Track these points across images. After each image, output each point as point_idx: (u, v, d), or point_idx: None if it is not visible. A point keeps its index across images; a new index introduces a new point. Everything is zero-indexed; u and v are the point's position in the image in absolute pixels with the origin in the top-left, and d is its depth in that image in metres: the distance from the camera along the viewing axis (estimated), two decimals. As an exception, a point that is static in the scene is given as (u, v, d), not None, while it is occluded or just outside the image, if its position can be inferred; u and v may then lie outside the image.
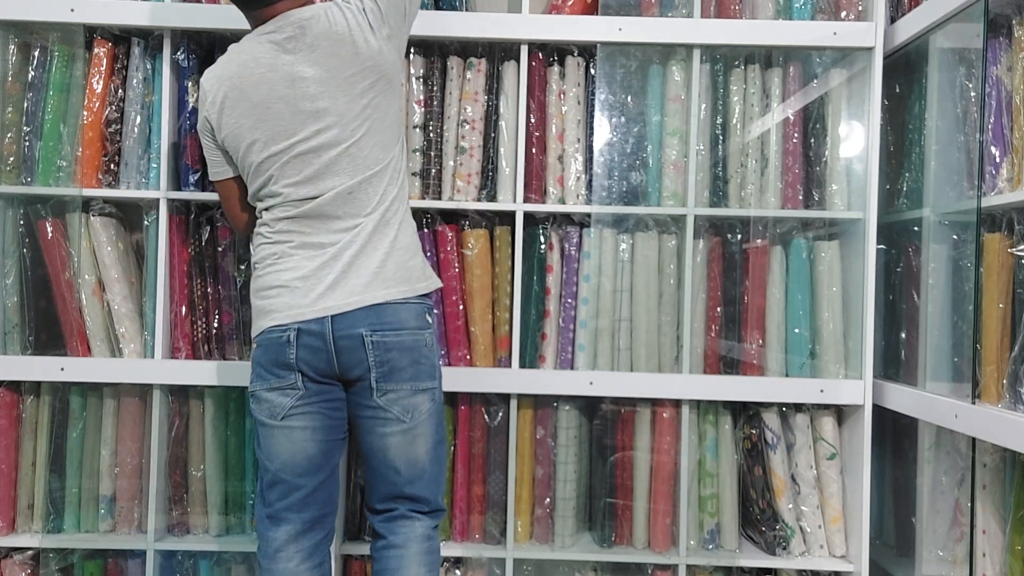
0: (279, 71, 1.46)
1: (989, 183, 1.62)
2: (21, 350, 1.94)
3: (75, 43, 1.93)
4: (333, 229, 1.48)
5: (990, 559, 1.60)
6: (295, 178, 1.47)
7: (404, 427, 1.50)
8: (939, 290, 1.80)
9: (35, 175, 1.93)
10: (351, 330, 1.45)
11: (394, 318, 1.48)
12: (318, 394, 1.50)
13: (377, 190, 1.49)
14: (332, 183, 1.46)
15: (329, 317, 1.45)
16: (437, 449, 1.56)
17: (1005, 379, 1.56)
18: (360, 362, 1.47)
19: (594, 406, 2.02)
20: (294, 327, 1.46)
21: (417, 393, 1.51)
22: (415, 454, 1.52)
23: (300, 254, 1.48)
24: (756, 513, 2.00)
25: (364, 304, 1.46)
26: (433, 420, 1.55)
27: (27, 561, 1.98)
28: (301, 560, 1.51)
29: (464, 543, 1.99)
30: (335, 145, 1.46)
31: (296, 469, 1.50)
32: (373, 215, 1.48)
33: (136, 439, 1.98)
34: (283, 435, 1.49)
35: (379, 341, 1.47)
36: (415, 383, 1.51)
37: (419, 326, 1.51)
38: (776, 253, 1.97)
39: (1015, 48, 1.58)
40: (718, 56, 1.97)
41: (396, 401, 1.49)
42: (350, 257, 1.47)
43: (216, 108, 1.50)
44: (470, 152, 1.95)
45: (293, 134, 1.46)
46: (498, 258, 1.98)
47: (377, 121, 1.49)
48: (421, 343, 1.51)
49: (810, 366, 1.96)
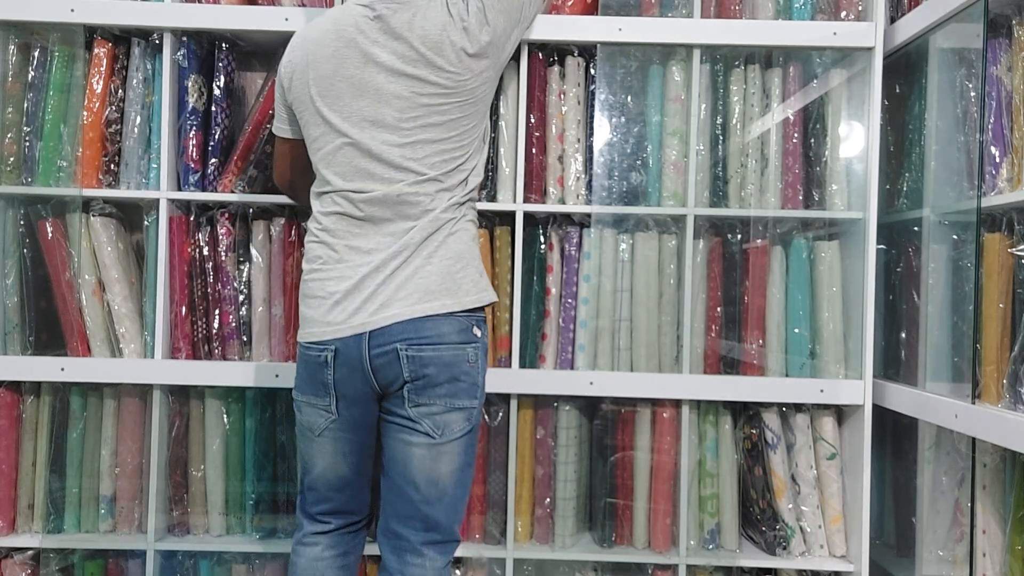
0: (355, 47, 1.40)
1: (989, 183, 1.62)
2: (21, 350, 1.94)
3: (75, 43, 1.93)
4: (383, 232, 1.41)
5: (990, 559, 1.60)
6: (344, 168, 1.42)
7: (431, 442, 1.42)
8: (939, 290, 1.80)
9: (35, 175, 1.93)
10: (387, 345, 1.39)
11: (434, 331, 1.40)
12: (350, 420, 1.46)
13: (429, 195, 1.41)
14: (381, 183, 1.40)
15: (367, 333, 1.39)
16: (463, 473, 1.47)
17: (1005, 379, 1.56)
18: (396, 377, 1.41)
19: (594, 406, 2.02)
20: (332, 346, 1.41)
21: (452, 411, 1.42)
22: (437, 473, 1.43)
23: (346, 262, 1.42)
24: (756, 513, 2.00)
25: (403, 318, 1.39)
26: (465, 442, 1.45)
27: (27, 561, 1.98)
28: (326, 547, 1.52)
29: (464, 543, 1.99)
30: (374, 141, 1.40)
31: (328, 484, 1.50)
32: (422, 221, 1.40)
33: (136, 439, 1.98)
34: (317, 449, 1.48)
35: (415, 356, 1.39)
36: (451, 400, 1.42)
37: (462, 340, 1.42)
38: (776, 253, 1.98)
39: (1015, 48, 1.58)
40: (718, 56, 1.97)
41: (427, 415, 1.42)
42: (394, 267, 1.40)
43: (288, 71, 1.49)
44: (470, 152, 1.95)
45: (342, 117, 1.41)
46: (498, 258, 1.98)
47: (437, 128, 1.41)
48: (462, 359, 1.42)
49: (810, 366, 1.96)
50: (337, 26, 1.43)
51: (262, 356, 1.97)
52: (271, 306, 1.96)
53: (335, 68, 1.41)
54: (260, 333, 1.97)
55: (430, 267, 1.40)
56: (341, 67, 1.40)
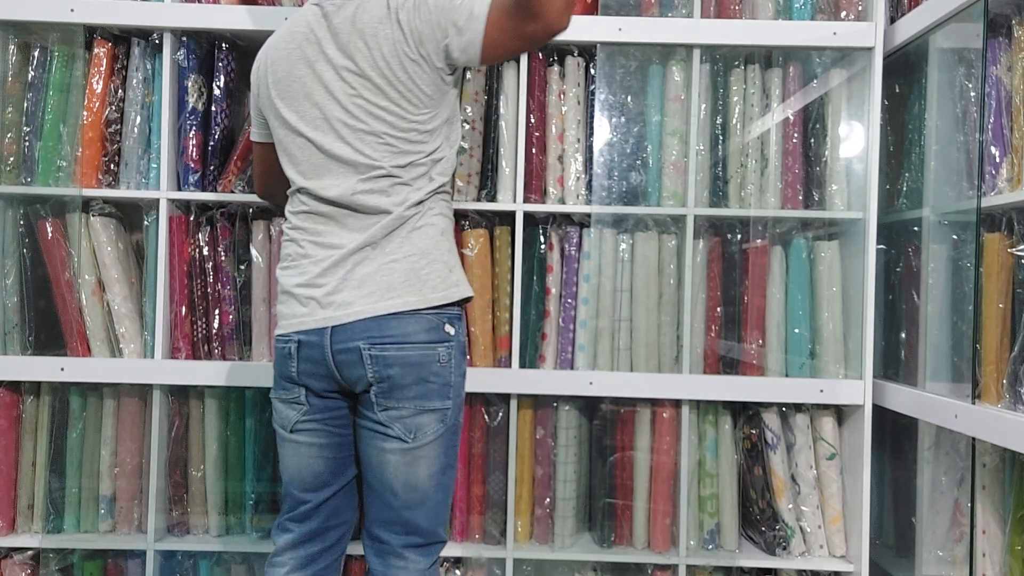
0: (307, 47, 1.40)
1: (989, 183, 1.62)
2: (21, 350, 1.94)
3: (75, 43, 1.93)
4: (346, 228, 1.39)
5: (990, 559, 1.60)
6: (305, 166, 1.41)
7: (405, 447, 1.38)
8: (939, 290, 1.80)
9: (35, 175, 1.93)
10: (350, 343, 1.36)
11: (399, 330, 1.36)
12: (323, 411, 1.43)
13: (384, 192, 1.38)
14: (338, 179, 1.39)
15: (329, 328, 1.36)
16: (443, 475, 1.42)
17: (1005, 379, 1.56)
18: (361, 377, 1.37)
19: (594, 406, 2.02)
20: (295, 338, 1.39)
21: (423, 413, 1.38)
22: (415, 478, 1.39)
23: (310, 257, 1.40)
24: (756, 513, 2.00)
25: (365, 315, 1.35)
26: (441, 444, 1.41)
27: (27, 561, 1.98)
28: (292, 568, 1.46)
29: (464, 543, 1.99)
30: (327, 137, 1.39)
31: (302, 484, 1.45)
32: (383, 217, 1.37)
33: (136, 439, 1.98)
34: (291, 448, 1.45)
35: (378, 355, 1.35)
36: (421, 402, 1.37)
37: (431, 340, 1.38)
38: (776, 253, 1.98)
39: (1015, 48, 1.58)
40: (718, 56, 1.97)
41: (398, 419, 1.37)
42: (355, 263, 1.37)
43: (255, 76, 1.51)
44: (470, 152, 1.95)
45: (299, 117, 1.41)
46: (498, 258, 1.98)
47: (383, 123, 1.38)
48: (431, 359, 1.37)
49: (810, 366, 1.96)
50: (292, 28, 1.45)
51: (262, 356, 1.97)
52: (271, 306, 1.96)
53: (289, 69, 1.42)
54: (260, 333, 1.97)
55: (394, 264, 1.37)
56: (295, 67, 1.41)
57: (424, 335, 1.37)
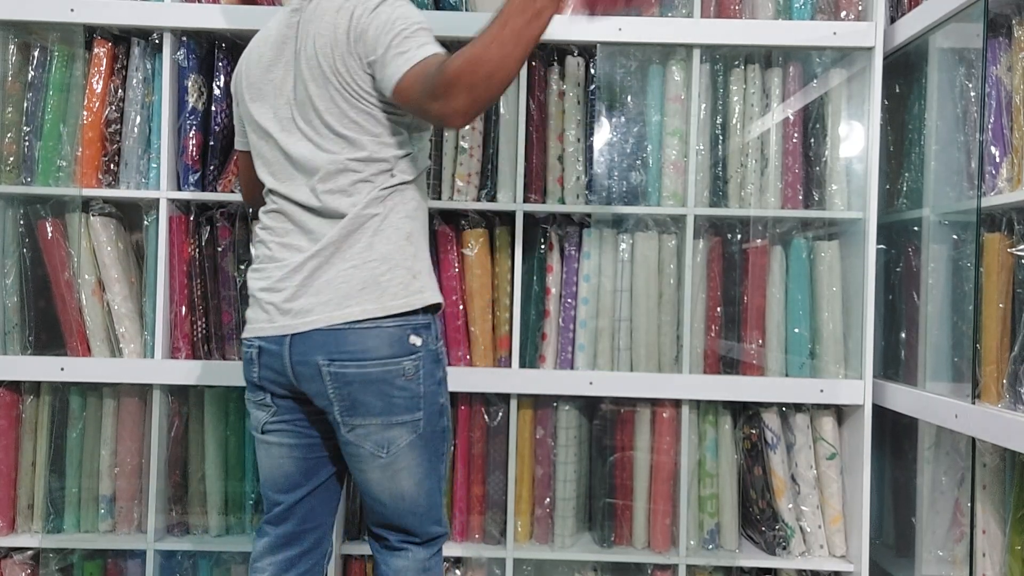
0: (278, 48, 1.39)
1: (989, 183, 1.62)
2: (21, 350, 1.94)
3: (75, 43, 1.93)
4: (307, 231, 1.35)
5: (990, 559, 1.60)
6: (274, 167, 1.40)
7: (382, 462, 1.34)
8: (939, 290, 1.80)
9: (35, 175, 1.93)
10: (309, 356, 1.31)
11: (358, 345, 1.30)
12: (290, 411, 1.40)
13: (345, 191, 1.33)
14: (300, 178, 1.36)
15: (288, 337, 1.32)
16: (428, 480, 1.39)
17: (1005, 379, 1.56)
18: (320, 393, 1.33)
19: (594, 406, 2.02)
20: (256, 344, 1.37)
21: (392, 427, 1.33)
22: (399, 489, 1.37)
23: (277, 261, 1.38)
24: (756, 513, 2.00)
25: (321, 325, 1.30)
26: (417, 450, 1.36)
27: (27, 561, 1.98)
28: (272, 574, 1.44)
29: (464, 543, 1.99)
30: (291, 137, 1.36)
31: (274, 485, 1.44)
32: (343, 220, 1.31)
33: (136, 439, 1.98)
34: (264, 449, 1.44)
35: (337, 373, 1.30)
36: (387, 417, 1.32)
37: (395, 354, 1.31)
38: (776, 253, 1.97)
39: (1015, 48, 1.58)
40: (718, 56, 1.97)
41: (367, 436, 1.33)
42: (313, 268, 1.32)
43: (233, 83, 1.50)
44: (470, 152, 1.95)
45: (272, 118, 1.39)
46: (498, 258, 1.98)
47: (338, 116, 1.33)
48: (395, 374, 1.31)
49: (810, 366, 1.96)
50: (266, 32, 1.44)
51: (262, 356, 1.97)
52: (271, 306, 1.96)
53: (262, 72, 1.42)
54: (260, 333, 1.96)
55: (353, 270, 1.31)
56: (268, 71, 1.41)
57: (386, 349, 1.31)
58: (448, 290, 1.95)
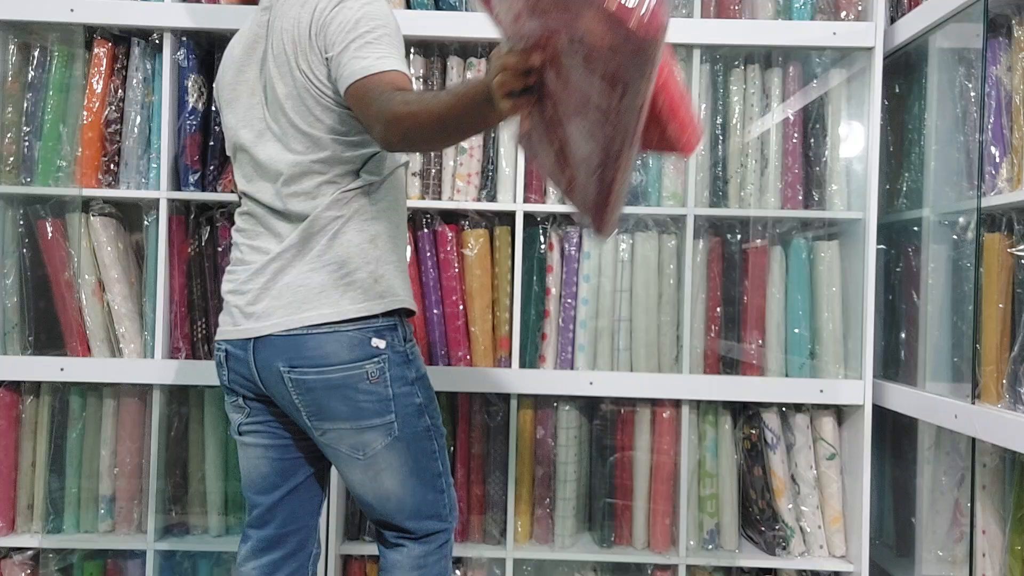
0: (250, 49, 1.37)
1: (989, 183, 1.62)
2: (21, 350, 1.94)
3: (75, 43, 1.93)
4: (276, 233, 1.32)
5: (990, 559, 1.60)
6: (244, 169, 1.39)
7: (361, 464, 1.32)
8: (939, 290, 1.80)
9: (35, 175, 1.93)
10: (270, 362, 1.29)
11: (317, 351, 1.27)
12: (263, 412, 1.38)
13: (309, 193, 1.30)
14: (266, 180, 1.34)
15: (251, 341, 1.30)
16: (414, 477, 1.35)
17: (1005, 379, 1.56)
18: (285, 399, 1.31)
19: (594, 406, 2.02)
20: (223, 347, 1.36)
21: (363, 431, 1.30)
22: (382, 489, 1.34)
23: (245, 261, 1.36)
24: (756, 513, 2.00)
25: (279, 330, 1.28)
26: (396, 451, 1.33)
27: (27, 561, 1.97)
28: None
29: (464, 543, 1.99)
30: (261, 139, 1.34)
31: (253, 486, 1.43)
32: (303, 223, 1.29)
33: (136, 439, 1.98)
34: (242, 451, 1.43)
35: (299, 379, 1.28)
36: (356, 422, 1.29)
37: (357, 358, 1.27)
38: (776, 253, 1.97)
39: (1015, 48, 1.58)
40: (718, 56, 1.97)
41: (340, 439, 1.31)
42: (275, 271, 1.30)
43: (215, 90, 1.50)
44: (470, 152, 1.95)
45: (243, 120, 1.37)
46: (498, 258, 1.98)
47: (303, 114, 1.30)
48: (357, 378, 1.28)
49: (810, 366, 1.96)
50: (241, 33, 1.44)
51: (262, 356, 1.97)
52: (271, 306, 1.96)
53: (235, 74, 1.41)
54: (260, 333, 1.96)
55: (311, 273, 1.29)
56: (240, 73, 1.40)
57: (346, 354, 1.27)
58: (448, 290, 1.95)
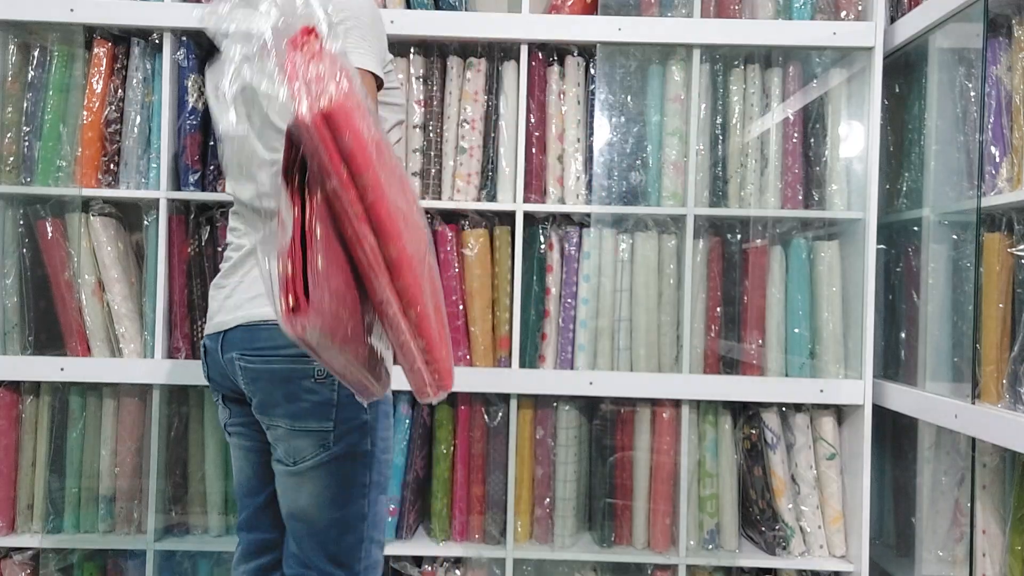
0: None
1: (989, 183, 1.62)
2: (21, 350, 1.94)
3: (75, 43, 1.93)
4: (254, 229, 1.32)
5: (990, 559, 1.60)
6: (232, 170, 1.38)
7: (288, 470, 1.25)
8: (939, 290, 1.80)
9: (35, 175, 1.93)
10: (231, 351, 1.27)
11: (268, 341, 1.23)
12: (240, 414, 1.36)
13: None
14: (247, 179, 1.33)
15: (221, 333, 1.29)
16: (333, 507, 1.25)
17: (1005, 379, 1.56)
18: (242, 390, 1.28)
19: (594, 406, 2.02)
20: (204, 343, 1.35)
21: (298, 434, 1.23)
22: (297, 505, 1.26)
23: (228, 259, 1.36)
24: (756, 513, 2.00)
25: (244, 321, 1.26)
26: (328, 471, 1.24)
27: (27, 561, 1.97)
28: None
29: (464, 543, 1.99)
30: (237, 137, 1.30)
31: (240, 488, 1.41)
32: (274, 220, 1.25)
33: (136, 439, 1.98)
34: (232, 451, 1.42)
35: (246, 367, 1.25)
36: (292, 421, 1.23)
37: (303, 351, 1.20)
38: (776, 253, 1.97)
39: (1015, 48, 1.58)
40: (718, 56, 1.97)
41: (277, 439, 1.26)
42: (249, 266, 1.30)
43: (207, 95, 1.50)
44: (470, 152, 1.95)
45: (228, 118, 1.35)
46: (498, 258, 1.98)
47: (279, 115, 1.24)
48: (304, 373, 1.21)
49: (810, 366, 1.96)
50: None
51: (262, 356, 1.97)
52: (271, 306, 1.96)
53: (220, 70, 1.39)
54: (260, 333, 1.96)
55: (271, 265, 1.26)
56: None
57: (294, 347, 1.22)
58: (448, 290, 1.95)
